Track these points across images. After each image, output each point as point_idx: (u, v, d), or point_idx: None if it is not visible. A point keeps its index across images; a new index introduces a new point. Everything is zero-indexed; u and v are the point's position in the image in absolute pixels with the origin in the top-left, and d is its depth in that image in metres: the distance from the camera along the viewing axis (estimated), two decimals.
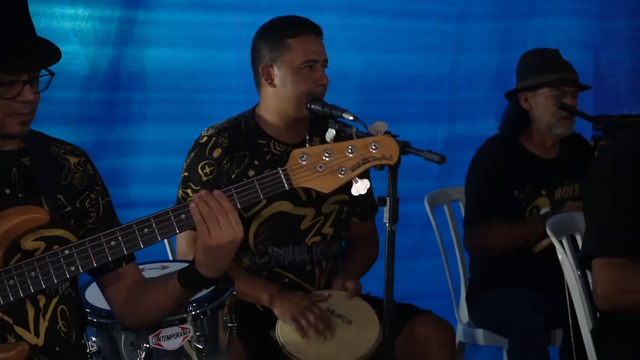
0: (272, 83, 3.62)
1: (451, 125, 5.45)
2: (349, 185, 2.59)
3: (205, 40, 4.82)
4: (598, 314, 3.34)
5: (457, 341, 4.16)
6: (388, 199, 3.19)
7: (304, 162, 2.51)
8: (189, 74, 4.80)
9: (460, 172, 4.47)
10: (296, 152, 2.52)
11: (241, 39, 3.78)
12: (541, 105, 4.36)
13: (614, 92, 5.73)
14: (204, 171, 3.57)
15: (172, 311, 2.78)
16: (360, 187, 2.54)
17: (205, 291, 2.96)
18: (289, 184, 2.52)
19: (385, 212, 3.20)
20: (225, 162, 3.57)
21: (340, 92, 4.61)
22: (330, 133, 2.57)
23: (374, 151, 2.54)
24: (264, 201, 3.55)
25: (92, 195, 2.73)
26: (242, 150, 3.60)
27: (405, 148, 3.22)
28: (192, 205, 2.50)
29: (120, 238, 2.49)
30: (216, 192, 2.52)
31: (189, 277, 2.60)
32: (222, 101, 4.80)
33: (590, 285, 3.28)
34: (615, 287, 3.02)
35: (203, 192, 2.52)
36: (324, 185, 2.52)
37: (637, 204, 3.04)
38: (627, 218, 3.04)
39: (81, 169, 2.73)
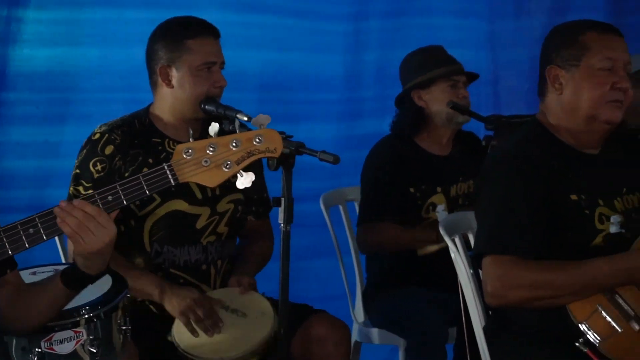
0: (169, 84, 3.61)
1: (349, 124, 5.44)
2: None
3: (107, 37, 4.76)
4: (490, 312, 3.38)
5: (352, 340, 4.17)
6: (283, 199, 3.19)
7: (188, 157, 2.49)
8: (92, 73, 4.74)
9: (355, 170, 4.48)
10: (181, 147, 2.50)
11: (146, 36, 3.74)
12: (437, 99, 4.39)
13: (513, 91, 5.79)
14: (96, 168, 3.53)
15: (57, 313, 2.74)
16: (245, 181, 2.53)
17: (98, 294, 2.96)
18: (175, 179, 2.50)
19: (280, 212, 3.20)
20: (117, 159, 3.54)
21: (238, 91, 4.57)
22: (214, 127, 2.54)
23: (257, 144, 2.53)
24: (158, 199, 3.53)
25: None
26: (135, 148, 3.58)
27: (299, 149, 3.22)
28: (59, 220, 2.46)
29: (4, 239, 2.44)
30: (76, 201, 2.47)
31: (73, 278, 2.58)
32: (130, 100, 4.72)
33: None
34: (503, 284, 3.05)
35: (62, 203, 2.48)
36: (210, 179, 2.51)
37: (525, 203, 3.09)
38: (515, 216, 3.09)
39: None
